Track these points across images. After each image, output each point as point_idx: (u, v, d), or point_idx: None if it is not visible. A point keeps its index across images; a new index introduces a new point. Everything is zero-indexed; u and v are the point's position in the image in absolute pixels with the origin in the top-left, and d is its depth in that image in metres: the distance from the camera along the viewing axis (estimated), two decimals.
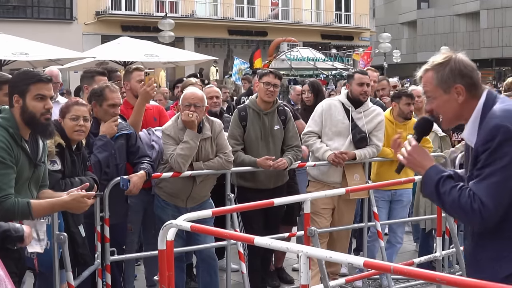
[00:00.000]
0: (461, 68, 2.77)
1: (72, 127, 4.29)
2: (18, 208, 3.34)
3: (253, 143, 5.71)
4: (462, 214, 2.65)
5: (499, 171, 2.58)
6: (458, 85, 2.74)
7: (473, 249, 2.77)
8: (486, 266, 2.69)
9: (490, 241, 2.69)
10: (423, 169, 2.79)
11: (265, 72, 5.88)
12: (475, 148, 2.67)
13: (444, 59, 2.79)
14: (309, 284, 2.72)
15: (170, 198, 5.30)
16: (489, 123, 2.63)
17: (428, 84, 2.81)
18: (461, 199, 2.63)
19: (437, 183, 2.71)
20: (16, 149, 3.40)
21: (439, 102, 2.78)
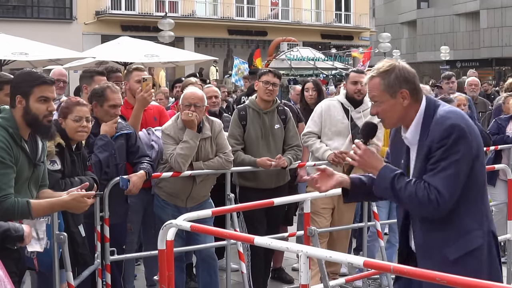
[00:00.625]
0: (405, 74, 3.04)
1: (75, 128, 4.30)
2: (18, 208, 3.35)
3: (253, 143, 5.71)
4: (419, 205, 2.92)
5: (453, 165, 2.89)
6: (403, 90, 3.02)
7: (423, 238, 3.03)
8: (435, 252, 2.98)
9: (440, 229, 2.98)
10: (375, 169, 3.05)
11: (264, 71, 5.89)
12: (428, 145, 2.93)
13: (389, 66, 3.05)
14: (309, 284, 2.72)
15: (170, 198, 5.30)
16: (444, 122, 2.92)
17: (374, 89, 3.07)
18: (418, 191, 2.91)
19: (392, 180, 2.98)
20: (15, 149, 3.41)
21: (386, 106, 3.05)
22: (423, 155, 2.97)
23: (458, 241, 2.97)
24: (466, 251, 2.97)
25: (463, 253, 2.97)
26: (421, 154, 2.99)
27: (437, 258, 2.97)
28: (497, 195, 6.90)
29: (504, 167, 5.86)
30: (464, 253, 2.97)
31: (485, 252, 3.02)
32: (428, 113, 3.01)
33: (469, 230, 2.99)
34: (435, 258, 2.98)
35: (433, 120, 2.97)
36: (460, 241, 2.97)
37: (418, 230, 3.06)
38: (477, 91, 9.77)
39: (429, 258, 2.99)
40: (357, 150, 3.10)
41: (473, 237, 2.99)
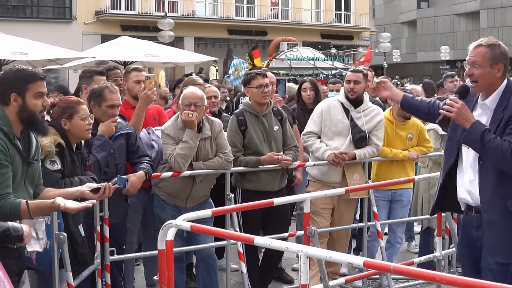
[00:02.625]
0: (506, 53, 3.68)
1: (84, 127, 4.32)
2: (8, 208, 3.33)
3: (257, 146, 5.63)
4: (502, 157, 3.49)
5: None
6: (501, 64, 3.64)
7: (492, 191, 3.56)
8: (499, 203, 3.55)
9: (506, 184, 3.53)
10: (469, 122, 3.59)
11: (252, 76, 5.70)
12: (509, 115, 3.56)
13: (496, 42, 3.68)
14: (308, 284, 2.72)
15: (170, 198, 5.30)
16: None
17: (479, 56, 3.64)
18: (503, 146, 3.50)
19: (483, 132, 3.54)
20: (10, 147, 3.41)
21: (483, 71, 3.62)
22: (499, 120, 3.59)
23: None
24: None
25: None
26: (496, 119, 3.61)
27: (499, 209, 3.54)
28: None
29: None
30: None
31: None
32: (508, 89, 3.65)
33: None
34: (497, 208, 3.55)
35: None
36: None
37: (486, 182, 3.59)
38: None
39: (492, 209, 3.56)
40: (455, 104, 3.60)
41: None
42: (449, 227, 5.70)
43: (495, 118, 3.63)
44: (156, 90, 6.44)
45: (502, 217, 3.54)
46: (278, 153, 5.62)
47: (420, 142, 6.34)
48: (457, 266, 6.13)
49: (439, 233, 5.48)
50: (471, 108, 3.72)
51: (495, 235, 3.56)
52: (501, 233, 3.54)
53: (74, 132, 4.30)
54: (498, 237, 3.55)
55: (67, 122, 4.30)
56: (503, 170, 3.55)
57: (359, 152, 5.81)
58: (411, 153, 6.20)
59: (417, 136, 6.32)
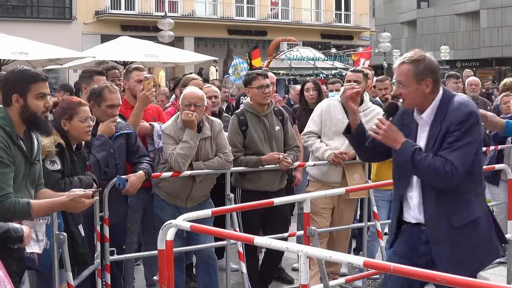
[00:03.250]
0: (432, 66, 3.51)
1: (83, 129, 4.31)
2: (19, 208, 3.35)
3: (258, 147, 5.63)
4: (436, 175, 3.38)
5: (467, 145, 3.40)
6: (428, 79, 3.47)
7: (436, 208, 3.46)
8: (444, 220, 3.45)
9: (449, 201, 3.45)
10: (398, 143, 3.48)
11: (253, 76, 5.69)
12: (446, 126, 3.41)
13: (420, 56, 3.49)
14: (309, 284, 2.71)
15: (170, 198, 5.30)
16: (463, 109, 3.42)
17: (403, 74, 3.49)
18: (435, 164, 3.37)
19: (413, 152, 3.43)
20: (13, 147, 3.41)
21: (410, 90, 3.48)
22: (437, 134, 3.45)
23: (462, 211, 3.46)
24: (469, 220, 3.46)
25: (466, 221, 3.46)
26: (434, 133, 3.47)
27: (444, 226, 3.45)
28: (499, 195, 6.89)
29: (505, 167, 5.85)
30: (467, 222, 3.46)
31: (484, 223, 3.53)
32: (444, 100, 3.49)
33: (471, 202, 3.49)
34: (443, 226, 3.45)
35: (449, 106, 3.45)
36: (464, 212, 3.46)
37: (429, 201, 3.49)
38: (477, 91, 9.76)
39: (437, 227, 3.46)
40: (382, 125, 3.51)
41: (474, 209, 3.49)
42: None
43: (433, 132, 3.49)
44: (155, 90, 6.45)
45: (448, 235, 3.45)
46: (280, 153, 5.63)
47: None
48: None
49: None
50: (412, 122, 3.58)
51: (445, 254, 3.45)
52: (450, 251, 3.44)
53: (73, 134, 4.30)
54: (448, 255, 3.44)
55: (66, 123, 4.30)
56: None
57: None
58: None
59: None
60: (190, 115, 5.11)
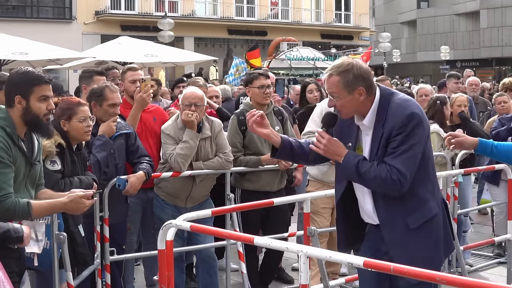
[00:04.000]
0: (362, 73, 3.29)
1: (82, 129, 4.31)
2: (19, 209, 3.34)
3: (258, 146, 5.63)
4: (384, 184, 3.25)
5: (412, 148, 3.25)
6: (360, 88, 3.28)
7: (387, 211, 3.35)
8: (399, 222, 3.33)
9: (401, 203, 3.32)
10: (340, 156, 3.33)
11: (255, 76, 5.69)
12: (388, 131, 3.25)
13: (348, 66, 3.28)
14: (309, 284, 2.71)
15: (170, 198, 5.30)
16: (403, 111, 3.25)
17: (333, 87, 3.30)
18: (381, 173, 3.23)
19: (356, 165, 3.28)
20: (13, 148, 3.41)
21: (343, 101, 3.30)
22: (380, 139, 3.29)
23: (418, 211, 3.34)
24: (425, 219, 3.34)
25: (423, 221, 3.34)
26: (377, 137, 3.31)
27: (400, 228, 3.33)
28: (499, 195, 6.89)
29: (504, 167, 5.86)
30: (424, 221, 3.34)
31: (441, 219, 3.41)
32: (383, 102, 3.32)
33: (426, 201, 3.36)
34: (398, 228, 3.33)
35: (389, 107, 3.30)
36: (419, 211, 3.34)
37: (382, 205, 3.37)
38: (477, 91, 9.77)
39: (393, 229, 3.35)
40: (321, 139, 3.34)
41: (430, 207, 3.36)
42: None
43: (376, 136, 3.32)
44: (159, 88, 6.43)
45: (405, 236, 3.32)
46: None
47: None
48: (457, 266, 6.14)
49: None
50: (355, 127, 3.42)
51: (404, 255, 3.25)
52: (409, 253, 3.29)
53: (72, 134, 4.30)
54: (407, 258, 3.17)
55: (66, 123, 4.30)
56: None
57: None
58: None
59: None
60: (190, 115, 5.10)
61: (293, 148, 3.52)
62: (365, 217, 3.52)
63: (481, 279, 6.09)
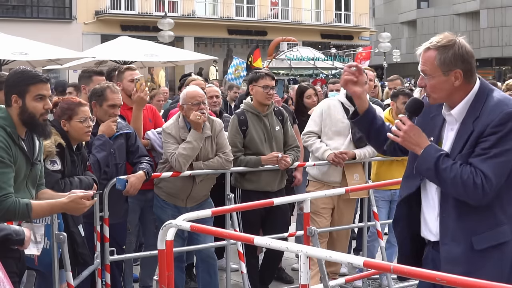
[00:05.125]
0: (463, 54, 2.90)
1: (82, 129, 4.30)
2: (19, 209, 3.34)
3: (258, 146, 5.63)
4: (463, 188, 2.82)
5: (506, 153, 2.81)
6: (457, 70, 2.88)
7: (456, 222, 2.91)
8: (463, 238, 2.89)
9: (473, 217, 2.88)
10: (420, 147, 2.93)
11: (261, 75, 5.71)
12: (480, 128, 2.83)
13: (449, 42, 2.90)
14: (308, 284, 2.71)
15: (170, 198, 5.30)
16: (502, 108, 2.82)
17: (428, 63, 2.92)
18: (463, 174, 2.81)
19: (437, 160, 2.87)
20: (14, 148, 3.40)
21: (436, 82, 2.91)
22: (468, 135, 2.88)
23: (488, 232, 2.89)
24: (494, 243, 2.89)
25: (491, 244, 2.89)
26: (464, 134, 2.90)
27: (463, 245, 2.89)
28: None
29: None
30: (492, 245, 2.89)
31: (510, 248, 2.92)
32: (480, 95, 2.92)
33: (500, 223, 2.90)
34: (461, 245, 2.89)
35: (486, 102, 2.88)
36: (490, 232, 2.89)
37: (451, 215, 2.93)
38: None
39: (455, 245, 2.90)
40: (402, 126, 2.95)
41: (502, 231, 2.90)
42: None
43: (463, 131, 2.90)
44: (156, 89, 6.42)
45: (465, 256, 2.88)
46: (279, 152, 5.63)
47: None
48: None
49: None
50: (439, 115, 3.04)
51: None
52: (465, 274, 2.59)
53: (72, 134, 4.30)
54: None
55: (66, 123, 4.30)
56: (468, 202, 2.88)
57: (359, 152, 5.81)
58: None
59: None
60: (198, 117, 5.09)
61: (374, 122, 3.19)
62: (424, 231, 3.08)
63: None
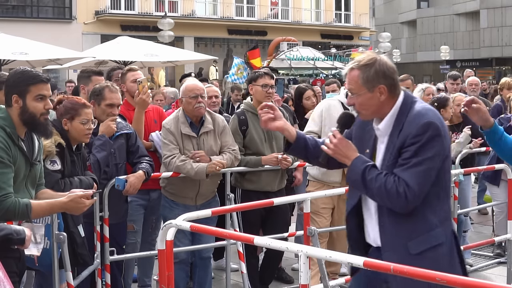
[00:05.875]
0: (385, 70, 3.04)
1: (83, 131, 4.30)
2: (18, 209, 3.34)
3: (258, 146, 5.64)
4: (387, 196, 2.98)
5: (425, 162, 2.95)
6: (381, 86, 3.03)
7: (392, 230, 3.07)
8: (400, 244, 3.05)
9: (407, 223, 3.04)
10: (349, 159, 3.09)
11: (260, 74, 5.73)
12: (402, 139, 2.98)
13: (370, 60, 3.04)
14: (308, 284, 2.71)
15: (179, 198, 5.26)
16: (420, 119, 2.98)
17: (353, 82, 3.07)
18: (387, 184, 2.96)
19: (363, 171, 3.03)
20: (13, 148, 3.40)
21: (363, 99, 3.06)
22: (393, 147, 3.03)
23: (422, 236, 3.05)
24: (428, 246, 3.04)
25: (425, 248, 3.04)
26: (391, 146, 3.05)
27: (400, 251, 3.05)
28: (499, 195, 6.89)
29: (504, 167, 5.86)
30: (426, 248, 3.04)
31: (445, 250, 3.09)
32: (404, 108, 3.06)
33: (432, 227, 3.06)
34: (398, 251, 3.05)
35: (408, 115, 3.03)
36: (424, 236, 3.05)
37: (387, 224, 3.10)
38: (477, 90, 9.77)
39: (393, 252, 3.06)
40: (333, 139, 3.13)
41: (436, 234, 3.06)
42: None
43: (390, 144, 3.05)
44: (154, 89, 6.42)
45: (403, 261, 2.82)
46: (279, 153, 5.63)
47: None
48: None
49: None
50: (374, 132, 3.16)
51: (401, 283, 2.96)
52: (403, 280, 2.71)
53: (73, 134, 4.30)
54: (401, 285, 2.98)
55: (67, 123, 4.30)
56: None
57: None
58: None
59: None
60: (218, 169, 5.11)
61: (308, 146, 3.32)
62: (368, 238, 3.24)
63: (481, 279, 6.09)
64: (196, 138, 5.24)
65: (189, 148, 5.20)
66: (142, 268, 5.87)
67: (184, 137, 5.21)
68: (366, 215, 3.23)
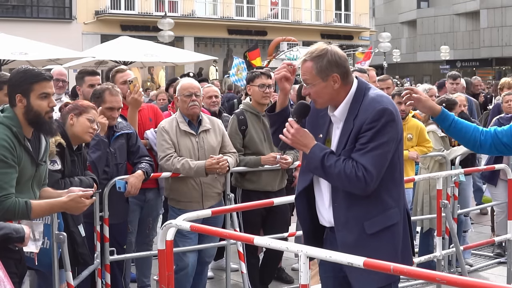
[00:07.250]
0: (337, 59, 3.15)
1: (88, 127, 4.33)
2: (18, 209, 3.34)
3: (258, 146, 5.63)
4: (347, 181, 3.08)
5: (381, 146, 3.09)
6: (334, 74, 3.14)
7: (346, 211, 3.17)
8: (355, 225, 3.15)
9: (362, 204, 3.15)
10: (307, 147, 3.18)
11: (257, 74, 5.71)
12: (359, 125, 3.10)
13: (322, 51, 3.14)
14: (308, 284, 2.71)
15: (185, 204, 5.20)
16: (375, 105, 3.10)
17: (307, 73, 3.17)
18: (346, 169, 3.07)
19: (322, 158, 3.12)
20: (19, 148, 3.39)
21: (317, 88, 3.17)
22: (349, 132, 3.14)
23: (378, 216, 3.16)
24: (384, 226, 3.16)
25: (381, 228, 3.15)
26: (347, 131, 3.16)
27: (356, 231, 3.15)
28: (498, 195, 6.89)
29: (504, 167, 5.86)
30: (382, 228, 3.16)
31: (400, 229, 3.21)
32: (358, 94, 3.18)
33: (387, 207, 3.18)
34: (354, 231, 3.15)
35: (363, 101, 3.15)
36: (379, 217, 3.16)
37: (341, 204, 3.18)
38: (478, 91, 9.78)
39: (348, 231, 3.16)
40: (290, 129, 3.20)
41: (391, 214, 3.18)
42: (449, 227, 5.70)
43: (346, 129, 3.16)
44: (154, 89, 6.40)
45: (359, 240, 3.13)
46: (277, 153, 5.62)
47: (420, 142, 6.34)
48: (457, 266, 6.13)
49: (439, 233, 5.47)
50: (327, 118, 3.27)
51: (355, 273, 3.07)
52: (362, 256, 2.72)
53: (76, 130, 4.30)
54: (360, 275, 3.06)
55: (73, 117, 4.32)
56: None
57: None
58: (411, 153, 6.20)
59: (417, 136, 6.32)
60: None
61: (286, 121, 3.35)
62: (321, 219, 3.32)
63: (481, 279, 6.09)
64: (196, 135, 5.24)
65: (187, 145, 5.20)
66: (140, 268, 5.86)
67: (182, 134, 5.19)
68: (318, 196, 3.32)
